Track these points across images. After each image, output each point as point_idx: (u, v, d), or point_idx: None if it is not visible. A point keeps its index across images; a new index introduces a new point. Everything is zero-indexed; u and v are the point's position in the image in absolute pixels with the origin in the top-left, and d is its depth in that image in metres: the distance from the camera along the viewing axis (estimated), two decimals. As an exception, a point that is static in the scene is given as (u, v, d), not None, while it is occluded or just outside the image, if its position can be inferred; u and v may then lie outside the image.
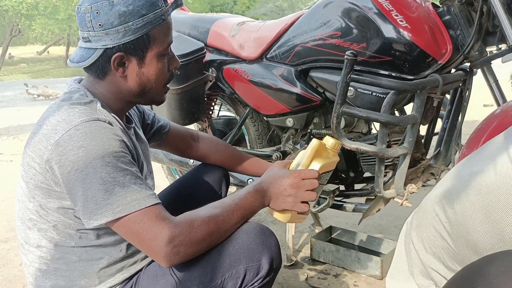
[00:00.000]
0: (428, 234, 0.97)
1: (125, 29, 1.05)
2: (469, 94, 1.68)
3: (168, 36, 1.13)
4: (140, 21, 1.05)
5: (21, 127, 5.62)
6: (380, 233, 2.18)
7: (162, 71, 1.15)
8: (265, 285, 1.06)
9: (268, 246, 1.04)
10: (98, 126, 1.00)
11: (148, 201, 0.98)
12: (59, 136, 0.98)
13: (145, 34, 1.07)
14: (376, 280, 1.78)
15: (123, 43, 1.06)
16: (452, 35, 1.49)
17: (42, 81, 10.64)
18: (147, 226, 0.96)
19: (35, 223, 1.07)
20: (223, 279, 1.02)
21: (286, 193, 1.08)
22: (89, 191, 0.96)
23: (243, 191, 1.08)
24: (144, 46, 1.08)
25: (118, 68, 1.09)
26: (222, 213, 1.03)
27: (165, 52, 1.13)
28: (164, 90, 1.20)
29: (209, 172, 1.49)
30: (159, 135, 1.45)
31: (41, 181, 1.02)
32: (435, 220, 0.95)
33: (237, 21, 2.01)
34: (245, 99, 1.97)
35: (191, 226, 0.98)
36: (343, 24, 1.57)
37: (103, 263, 1.08)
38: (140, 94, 1.15)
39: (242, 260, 1.02)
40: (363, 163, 1.72)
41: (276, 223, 2.25)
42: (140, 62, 1.10)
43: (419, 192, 1.66)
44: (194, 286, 1.02)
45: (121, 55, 1.07)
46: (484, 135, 1.39)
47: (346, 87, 1.44)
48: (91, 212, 0.97)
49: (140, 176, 1.01)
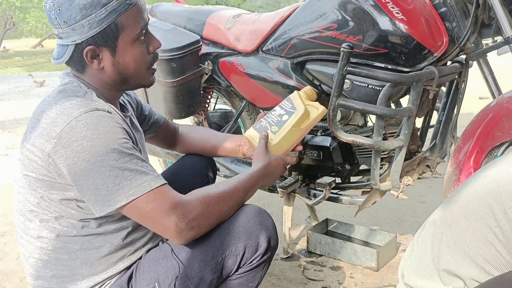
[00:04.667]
0: (470, 236, 0.89)
1: (89, 22, 1.04)
2: (464, 87, 1.69)
3: (139, 19, 1.10)
4: (103, 11, 1.04)
5: (16, 121, 5.59)
6: (376, 225, 2.19)
7: (141, 56, 1.13)
8: (263, 262, 1.12)
9: (265, 225, 1.11)
10: (98, 116, 1.01)
11: (158, 182, 1.01)
12: (61, 129, 0.98)
13: (112, 23, 1.05)
14: (372, 272, 1.79)
15: (90, 36, 1.05)
16: (448, 27, 1.48)
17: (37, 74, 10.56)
18: (160, 205, 1.00)
19: (36, 214, 1.07)
20: (223, 257, 1.07)
21: (279, 169, 1.30)
22: (98, 179, 0.97)
23: (247, 173, 1.18)
24: (113, 36, 1.07)
25: (93, 61, 1.09)
26: (231, 192, 1.10)
27: (139, 37, 1.11)
28: (149, 73, 1.19)
29: (194, 161, 1.52)
30: (154, 128, 1.47)
31: (43, 174, 1.03)
32: (485, 221, 0.86)
33: (233, 14, 2.00)
34: (241, 92, 1.97)
35: (202, 202, 1.03)
36: (339, 16, 1.57)
37: (104, 251, 1.09)
38: (123, 82, 1.15)
39: (241, 238, 1.08)
40: (359, 155, 1.72)
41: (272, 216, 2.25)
42: (113, 51, 1.09)
43: (414, 185, 1.67)
44: (196, 265, 1.06)
45: (91, 48, 1.07)
46: (479, 127, 1.39)
47: (342, 79, 1.44)
48: (103, 199, 0.98)
49: (144, 160, 1.04)
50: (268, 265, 1.15)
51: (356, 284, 1.73)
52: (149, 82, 1.21)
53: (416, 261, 1.03)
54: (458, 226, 0.92)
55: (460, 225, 0.91)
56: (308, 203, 1.85)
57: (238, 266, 1.09)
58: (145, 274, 1.08)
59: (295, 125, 1.36)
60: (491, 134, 1.36)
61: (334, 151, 1.72)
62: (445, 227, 0.96)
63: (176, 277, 1.05)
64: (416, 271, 1.02)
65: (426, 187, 2.66)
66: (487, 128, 1.37)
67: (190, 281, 1.06)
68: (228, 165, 2.01)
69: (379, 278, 1.76)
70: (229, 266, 1.09)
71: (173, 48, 1.86)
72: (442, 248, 0.95)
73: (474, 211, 0.88)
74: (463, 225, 0.90)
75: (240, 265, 1.10)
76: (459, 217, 0.92)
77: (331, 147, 1.72)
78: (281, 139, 1.35)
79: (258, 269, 1.12)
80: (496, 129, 1.35)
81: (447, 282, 0.94)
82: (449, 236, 0.94)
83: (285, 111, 1.39)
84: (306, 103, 1.40)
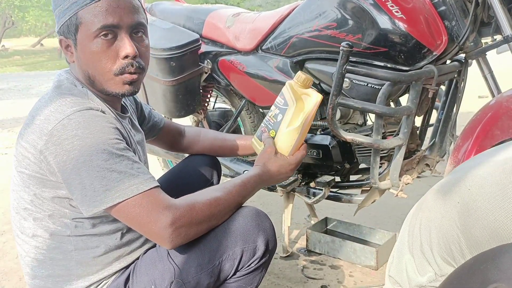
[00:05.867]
0: (437, 221, 0.93)
1: (59, 12, 1.06)
2: (464, 85, 1.69)
3: (101, 17, 1.03)
4: (66, 2, 1.05)
5: (15, 119, 5.58)
6: (375, 224, 2.19)
7: (100, 56, 1.05)
8: (261, 266, 1.10)
9: (263, 228, 1.08)
10: (91, 115, 1.00)
11: (146, 185, 0.99)
12: (52, 126, 0.98)
13: (73, 16, 1.04)
14: (371, 270, 1.79)
15: (60, 26, 1.07)
16: (447, 26, 1.48)
17: (37, 73, 10.57)
18: (147, 209, 0.97)
19: (30, 212, 1.07)
20: (220, 261, 1.05)
21: (283, 174, 1.23)
22: (86, 179, 0.96)
23: (243, 177, 1.14)
24: (74, 28, 1.05)
25: (67, 52, 1.11)
26: (223, 196, 1.06)
27: (96, 34, 1.03)
28: (117, 80, 1.08)
29: (199, 161, 1.51)
30: (154, 130, 1.46)
31: (35, 171, 1.02)
32: (446, 206, 0.91)
33: (233, 12, 2.00)
34: (240, 91, 1.96)
35: (192, 208, 1.01)
36: (338, 15, 1.57)
37: (99, 251, 1.09)
38: (90, 81, 1.09)
39: (238, 242, 1.05)
40: (359, 154, 1.72)
41: (271, 215, 2.26)
42: (75, 45, 1.08)
43: (414, 183, 1.67)
44: (193, 269, 1.04)
45: (61, 38, 1.09)
46: (479, 126, 1.39)
47: (342, 78, 1.44)
48: (90, 199, 0.97)
49: (137, 161, 1.02)
50: (267, 268, 1.13)
51: (355, 282, 1.73)
52: (118, 91, 1.09)
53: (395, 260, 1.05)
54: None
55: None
56: (308, 201, 1.86)
57: (235, 269, 1.07)
58: (142, 277, 1.07)
59: (291, 123, 1.22)
60: (491, 132, 1.36)
61: (334, 150, 1.72)
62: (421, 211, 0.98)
63: (172, 281, 1.04)
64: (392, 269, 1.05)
65: (426, 185, 2.66)
66: (487, 126, 1.37)
67: (187, 285, 1.04)
68: (227, 164, 2.01)
69: (378, 276, 1.76)
70: (226, 270, 1.07)
71: (172, 47, 1.86)
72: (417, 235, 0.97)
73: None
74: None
75: (238, 269, 1.08)
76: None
77: (330, 146, 1.72)
78: (282, 142, 1.24)
79: (256, 272, 1.10)
80: (496, 127, 1.35)
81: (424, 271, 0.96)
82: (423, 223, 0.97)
83: (279, 109, 1.25)
84: (300, 93, 1.23)
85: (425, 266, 0.95)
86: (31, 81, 9.16)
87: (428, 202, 0.98)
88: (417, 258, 0.97)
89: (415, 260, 0.98)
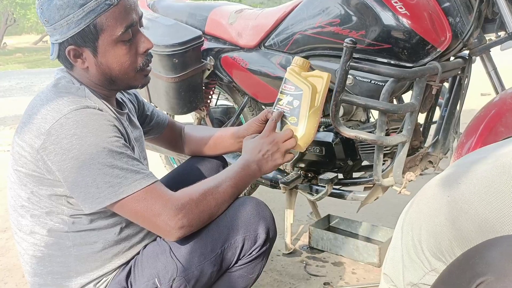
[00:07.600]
0: (428, 218, 0.95)
1: (67, 22, 1.02)
2: (468, 82, 1.68)
3: (122, 20, 1.04)
4: (80, 12, 1.01)
5: (17, 117, 5.59)
6: (378, 221, 2.19)
7: (125, 57, 1.08)
8: (262, 254, 1.13)
9: (263, 216, 1.11)
10: (88, 113, 1.01)
11: (148, 180, 1.02)
12: (50, 125, 0.98)
13: (91, 24, 1.02)
14: (374, 267, 1.79)
15: (70, 36, 1.03)
16: (451, 22, 1.48)
17: (39, 71, 10.58)
18: (150, 203, 1.00)
19: (28, 210, 1.07)
20: (222, 249, 1.08)
21: (270, 152, 1.18)
22: (88, 177, 0.98)
23: (232, 167, 1.15)
24: (93, 37, 1.04)
25: (77, 60, 1.08)
26: (218, 186, 1.09)
27: (122, 38, 1.06)
28: (140, 75, 1.13)
29: (206, 160, 1.49)
30: (158, 129, 1.46)
31: (32, 169, 1.02)
32: (434, 202, 0.93)
33: (235, 9, 1.99)
34: (243, 88, 1.96)
35: (191, 199, 1.04)
36: (342, 11, 1.56)
37: (98, 247, 1.09)
38: (110, 82, 1.12)
39: (240, 230, 1.08)
40: (362, 151, 1.72)
41: (274, 212, 2.25)
42: (95, 52, 1.06)
43: (417, 180, 1.66)
44: (195, 258, 1.07)
45: (73, 48, 1.05)
46: (482, 123, 1.39)
47: (345, 75, 1.43)
48: (93, 196, 0.99)
49: (135, 158, 1.04)
50: (267, 256, 1.17)
51: (358, 279, 1.73)
52: (140, 84, 1.16)
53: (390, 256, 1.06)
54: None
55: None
56: (310, 199, 1.85)
57: (237, 258, 1.11)
58: (144, 270, 1.08)
59: (311, 105, 1.23)
60: (495, 129, 1.35)
61: (337, 147, 1.72)
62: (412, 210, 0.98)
63: (175, 271, 1.06)
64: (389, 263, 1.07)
65: (428, 183, 2.65)
66: (491, 123, 1.36)
67: (190, 275, 1.06)
68: (230, 161, 2.01)
69: (381, 274, 1.75)
70: (229, 258, 1.10)
71: (175, 44, 1.85)
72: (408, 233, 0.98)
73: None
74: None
75: (240, 257, 1.11)
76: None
77: (333, 143, 1.71)
78: (306, 126, 1.23)
79: (258, 260, 1.13)
80: (500, 124, 1.34)
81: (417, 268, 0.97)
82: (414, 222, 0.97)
83: (292, 96, 1.25)
84: (305, 76, 1.27)
85: (417, 263, 0.96)
86: (33, 78, 9.18)
87: (420, 198, 1.00)
88: (409, 255, 0.98)
89: (407, 258, 0.99)
